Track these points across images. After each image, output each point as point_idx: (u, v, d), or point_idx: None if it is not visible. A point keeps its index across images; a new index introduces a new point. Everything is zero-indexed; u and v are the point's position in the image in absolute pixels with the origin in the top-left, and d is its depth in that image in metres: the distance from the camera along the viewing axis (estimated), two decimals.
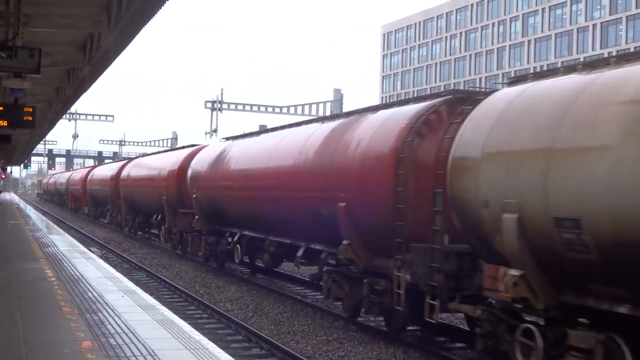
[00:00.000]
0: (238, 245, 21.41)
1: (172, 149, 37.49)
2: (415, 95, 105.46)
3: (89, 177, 55.65)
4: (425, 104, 13.18)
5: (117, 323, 10.14)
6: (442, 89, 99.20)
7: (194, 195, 24.65)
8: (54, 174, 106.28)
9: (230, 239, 22.24)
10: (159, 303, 12.32)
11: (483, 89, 14.93)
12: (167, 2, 12.47)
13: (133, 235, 38.83)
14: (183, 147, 33.31)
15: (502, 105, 10.16)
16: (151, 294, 14.57)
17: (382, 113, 14.35)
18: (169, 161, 31.12)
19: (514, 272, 9.30)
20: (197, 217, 24.73)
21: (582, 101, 8.55)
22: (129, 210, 38.82)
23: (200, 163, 25.20)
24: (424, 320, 12.09)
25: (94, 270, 16.57)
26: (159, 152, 39.84)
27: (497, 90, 11.38)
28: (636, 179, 7.58)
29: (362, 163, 13.62)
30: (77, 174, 68.84)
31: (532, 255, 9.09)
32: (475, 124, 10.53)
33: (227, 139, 25.75)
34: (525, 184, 9.02)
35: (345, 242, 13.94)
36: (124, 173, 39.53)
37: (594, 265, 8.24)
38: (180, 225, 27.61)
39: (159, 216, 32.74)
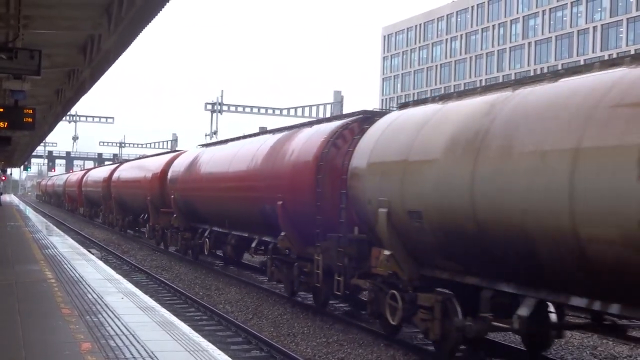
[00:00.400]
0: (207, 240, 24.57)
1: (157, 155, 41.56)
2: (416, 97, 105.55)
3: (83, 180, 59.81)
4: (342, 122, 16.43)
5: (116, 325, 10.14)
6: (442, 91, 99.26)
7: (172, 196, 27.89)
8: (52, 176, 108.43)
9: (201, 234, 25.46)
10: (158, 305, 12.31)
11: (392, 108, 17.57)
12: (167, 3, 12.47)
13: (124, 233, 41.61)
14: (166, 153, 38.22)
15: (384, 126, 13.42)
16: (151, 296, 14.57)
17: (313, 128, 17.54)
18: (154, 165, 34.11)
19: (386, 252, 12.58)
20: (175, 215, 27.92)
21: (427, 127, 11.73)
22: (120, 210, 42.29)
23: (177, 167, 28.56)
24: (334, 293, 15.42)
25: (94, 272, 16.57)
26: (145, 157, 44.04)
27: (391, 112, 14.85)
28: (451, 184, 10.48)
29: (294, 169, 16.79)
30: (74, 176, 70.63)
31: (398, 239, 12.22)
32: (365, 140, 13.81)
33: (202, 145, 29.48)
34: (391, 186, 12.16)
35: (282, 233, 17.10)
36: (115, 175, 42.84)
37: (432, 246, 11.36)
38: (162, 223, 30.79)
39: (145, 215, 35.81)
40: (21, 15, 14.09)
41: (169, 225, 29.18)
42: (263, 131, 24.17)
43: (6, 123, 15.89)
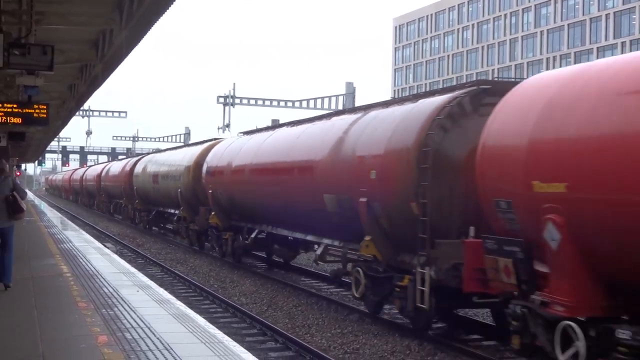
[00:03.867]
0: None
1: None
2: (428, 88, 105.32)
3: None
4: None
5: (132, 318, 10.21)
6: (454, 82, 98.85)
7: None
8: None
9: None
10: (173, 297, 12.39)
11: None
12: None
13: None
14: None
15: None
16: (166, 289, 14.64)
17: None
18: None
19: (367, 237, 13.70)
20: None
21: None
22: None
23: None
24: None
25: (109, 266, 16.66)
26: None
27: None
28: None
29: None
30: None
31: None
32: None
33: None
34: None
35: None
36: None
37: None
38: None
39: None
40: (34, 11, 14.17)
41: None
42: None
43: (20, 119, 15.97)
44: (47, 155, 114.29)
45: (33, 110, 16.05)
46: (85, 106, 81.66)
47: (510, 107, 10.60)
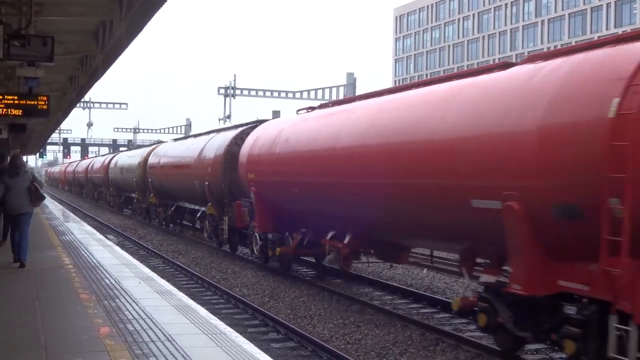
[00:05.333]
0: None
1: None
2: (429, 76, 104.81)
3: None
4: None
5: (134, 309, 10.20)
6: (455, 71, 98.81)
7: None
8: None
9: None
10: (175, 289, 12.38)
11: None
12: None
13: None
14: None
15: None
16: (168, 280, 14.64)
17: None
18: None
19: None
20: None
21: None
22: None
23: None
24: None
25: (111, 257, 16.66)
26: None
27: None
28: None
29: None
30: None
31: None
32: None
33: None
34: None
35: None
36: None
37: None
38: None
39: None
40: (33, 2, 14.11)
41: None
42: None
43: (21, 111, 15.94)
44: (49, 147, 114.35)
45: (34, 102, 16.02)
46: (86, 98, 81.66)
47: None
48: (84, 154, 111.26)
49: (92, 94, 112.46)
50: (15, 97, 16.11)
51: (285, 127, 18.96)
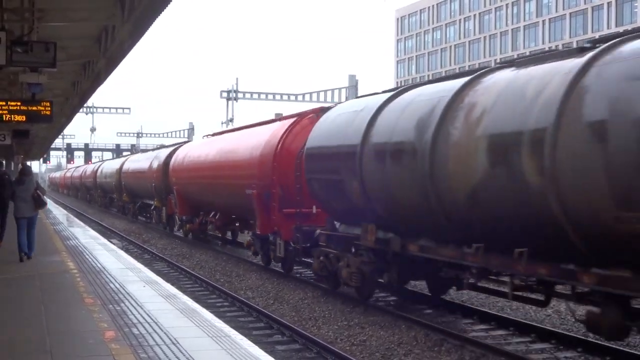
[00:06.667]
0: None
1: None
2: (431, 77, 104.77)
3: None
4: None
5: (139, 313, 10.24)
6: (457, 72, 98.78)
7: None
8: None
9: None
10: (180, 292, 12.42)
11: None
12: None
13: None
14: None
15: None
16: (172, 284, 14.67)
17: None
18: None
19: None
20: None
21: None
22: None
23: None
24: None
25: (115, 262, 16.70)
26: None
27: None
28: None
29: None
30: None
31: None
32: None
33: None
34: None
35: None
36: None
37: None
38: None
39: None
40: (35, 8, 14.18)
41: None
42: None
43: (24, 116, 16.02)
44: (52, 153, 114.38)
45: (37, 108, 16.10)
46: (89, 103, 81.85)
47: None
48: (88, 158, 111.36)
49: (95, 99, 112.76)
50: (19, 103, 16.20)
51: (191, 148, 30.38)
